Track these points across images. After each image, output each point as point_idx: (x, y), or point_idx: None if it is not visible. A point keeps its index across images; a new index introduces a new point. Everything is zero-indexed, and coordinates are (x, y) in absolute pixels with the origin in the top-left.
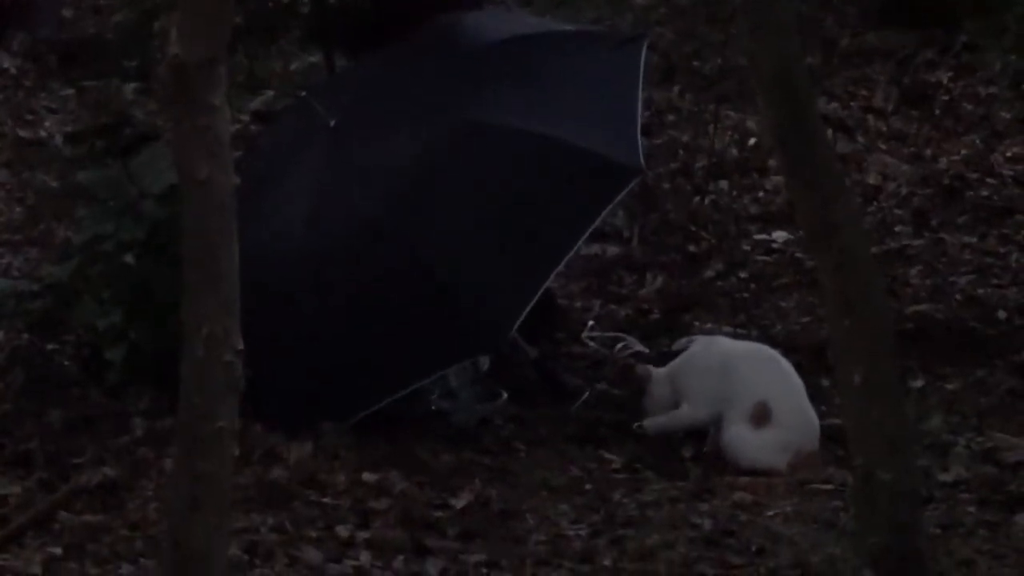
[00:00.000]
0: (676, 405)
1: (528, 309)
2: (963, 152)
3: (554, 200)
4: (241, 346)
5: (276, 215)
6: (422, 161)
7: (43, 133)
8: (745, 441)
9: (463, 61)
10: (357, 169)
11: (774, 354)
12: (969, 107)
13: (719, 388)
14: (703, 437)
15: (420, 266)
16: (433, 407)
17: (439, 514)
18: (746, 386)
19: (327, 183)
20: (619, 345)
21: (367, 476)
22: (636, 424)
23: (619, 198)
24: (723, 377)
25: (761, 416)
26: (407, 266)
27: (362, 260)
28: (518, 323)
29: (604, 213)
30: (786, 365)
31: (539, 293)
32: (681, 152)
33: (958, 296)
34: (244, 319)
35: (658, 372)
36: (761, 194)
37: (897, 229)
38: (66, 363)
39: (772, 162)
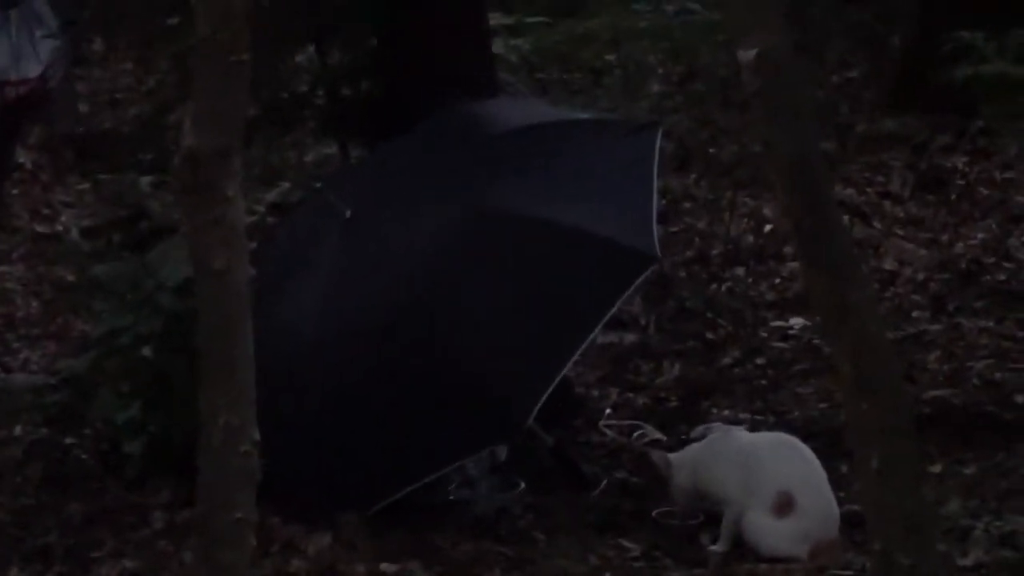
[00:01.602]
0: (698, 494)
1: (545, 397)
2: (980, 236)
3: (570, 288)
4: (258, 436)
5: (292, 306)
6: (437, 250)
7: (59, 227)
8: (767, 530)
9: (479, 149)
10: (373, 258)
11: (796, 442)
12: (985, 191)
13: (742, 478)
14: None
15: (437, 356)
16: (452, 496)
17: None
18: (769, 475)
19: (343, 273)
20: (636, 433)
21: (386, 567)
22: (655, 512)
23: (635, 286)
24: (745, 467)
25: (784, 505)
26: (424, 356)
27: (378, 350)
28: (535, 412)
29: (621, 301)
30: (808, 453)
31: (556, 381)
32: (697, 239)
33: (976, 380)
34: (260, 410)
35: (676, 457)
36: (777, 280)
37: (914, 314)
38: (84, 456)
39: (788, 248)
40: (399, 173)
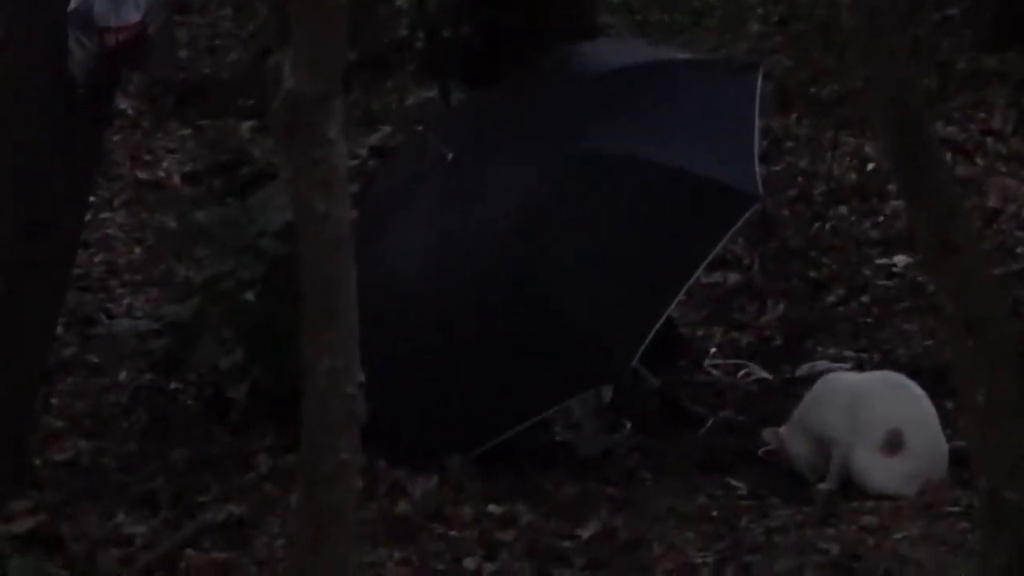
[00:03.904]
0: (817, 451)
1: (649, 339)
2: None
3: (673, 229)
4: (362, 378)
5: (395, 249)
6: (539, 192)
7: (161, 174)
8: (876, 467)
9: (579, 91)
10: (475, 202)
11: (904, 380)
12: None
13: (850, 417)
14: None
15: (540, 298)
16: (557, 438)
17: (565, 545)
18: (878, 413)
19: (445, 217)
20: (742, 372)
21: (493, 508)
22: (761, 450)
23: (738, 226)
24: (853, 406)
25: (894, 443)
26: (527, 298)
27: (481, 294)
28: (639, 353)
29: (723, 241)
30: (917, 391)
31: (660, 322)
32: (800, 178)
33: None
34: (364, 354)
35: (784, 429)
36: (881, 219)
37: (1018, 250)
38: (189, 402)
39: (891, 186)
40: (500, 116)
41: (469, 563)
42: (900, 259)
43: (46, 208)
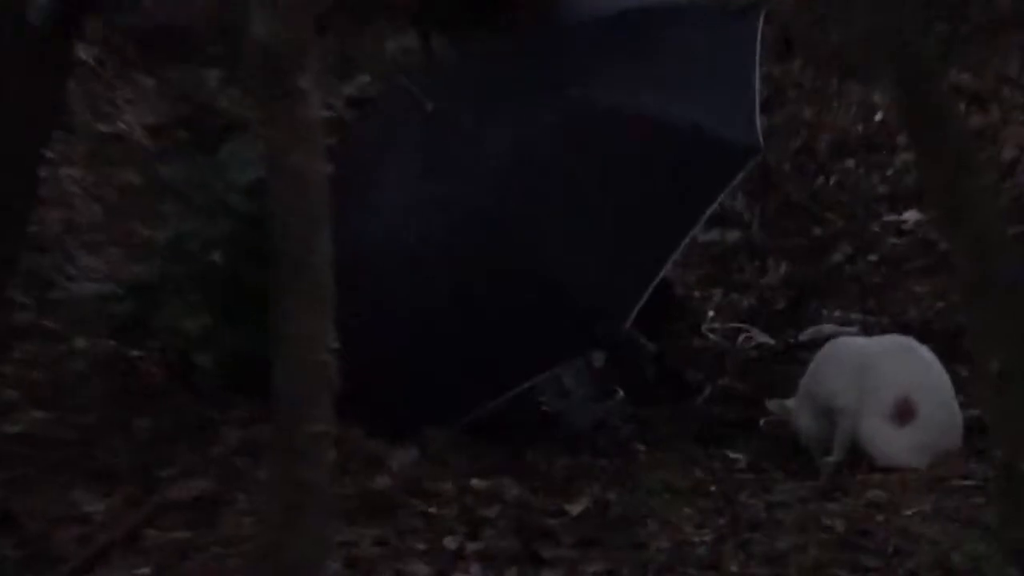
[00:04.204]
0: (822, 422)
1: (643, 300)
2: None
3: (668, 183)
4: (336, 344)
5: (372, 207)
6: (527, 144)
7: (122, 126)
8: (886, 438)
9: (569, 37)
10: (457, 155)
11: (915, 344)
12: None
13: (857, 384)
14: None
15: (527, 256)
16: (545, 408)
17: (554, 522)
18: (887, 380)
19: (426, 172)
20: (742, 336)
21: (476, 483)
22: (763, 420)
23: (737, 179)
24: (861, 372)
25: (904, 412)
26: (513, 257)
27: (465, 253)
28: (633, 315)
29: (722, 196)
30: (929, 356)
31: (655, 282)
32: (803, 130)
33: None
34: (339, 318)
35: (791, 402)
36: (890, 172)
37: None
38: (153, 370)
39: (901, 138)
40: (485, 63)
41: (450, 542)
42: (910, 215)
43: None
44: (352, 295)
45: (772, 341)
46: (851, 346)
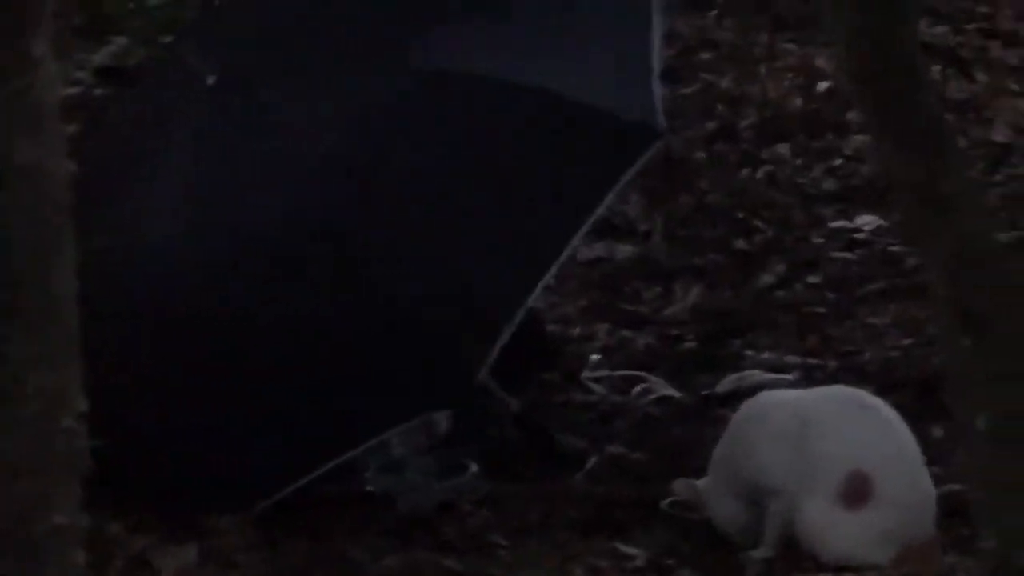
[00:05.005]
0: (748, 504)
1: (504, 339)
2: None
3: (539, 179)
4: (84, 407)
5: (138, 219)
6: (354, 128)
7: None
8: (833, 526)
9: None
10: (252, 144)
11: (870, 399)
12: None
13: (794, 454)
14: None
15: (346, 281)
16: (369, 487)
17: None
18: (833, 449)
19: (209, 167)
20: (638, 388)
21: None
22: (665, 502)
23: (630, 174)
24: (799, 438)
25: (858, 491)
26: (330, 282)
27: (261, 279)
28: (490, 361)
29: (609, 197)
30: (889, 414)
31: (520, 314)
32: (721, 105)
33: None
34: (91, 366)
35: (702, 482)
36: (839, 162)
37: None
38: None
39: (852, 115)
40: (288, 21)
41: None
42: (866, 220)
43: None
44: (111, 336)
45: (678, 394)
46: (785, 401)
